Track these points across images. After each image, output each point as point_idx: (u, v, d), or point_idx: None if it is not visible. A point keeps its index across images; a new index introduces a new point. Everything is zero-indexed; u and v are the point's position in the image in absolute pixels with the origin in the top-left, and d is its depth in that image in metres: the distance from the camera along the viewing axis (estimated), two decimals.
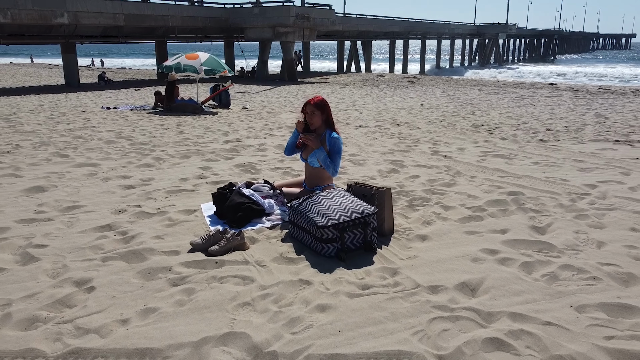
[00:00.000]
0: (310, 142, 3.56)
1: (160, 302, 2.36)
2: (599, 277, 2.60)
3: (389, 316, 2.21)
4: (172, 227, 3.43)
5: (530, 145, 6.96)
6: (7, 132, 7.86)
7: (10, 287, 2.54)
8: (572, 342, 2.00)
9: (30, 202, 4.02)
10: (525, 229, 3.35)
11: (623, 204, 3.93)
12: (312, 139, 3.58)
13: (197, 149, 6.44)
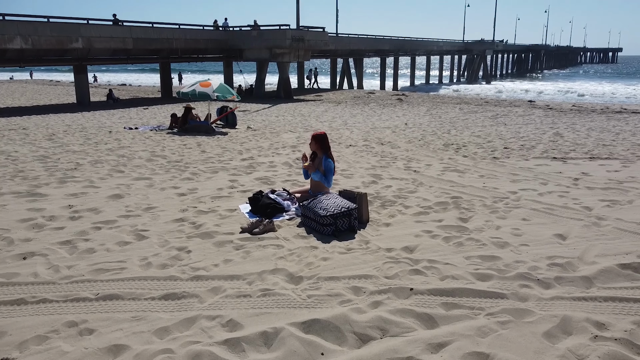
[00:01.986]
0: (309, 169, 5.45)
1: (233, 257, 4.19)
2: (486, 244, 4.46)
3: (361, 261, 4.04)
4: (223, 219, 5.25)
5: (484, 161, 8.87)
6: (59, 151, 9.65)
7: (140, 251, 4.34)
8: (457, 270, 3.83)
9: (119, 205, 5.83)
10: (454, 219, 5.21)
11: (527, 204, 5.81)
12: (310, 166, 5.46)
13: (221, 166, 8.28)
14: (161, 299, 3.42)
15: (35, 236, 4.73)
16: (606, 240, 4.54)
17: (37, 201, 5.99)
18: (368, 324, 3.04)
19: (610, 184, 6.91)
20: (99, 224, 5.08)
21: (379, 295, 3.44)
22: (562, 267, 3.92)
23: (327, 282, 3.67)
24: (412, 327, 3.03)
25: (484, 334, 2.93)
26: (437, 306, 3.29)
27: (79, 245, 4.47)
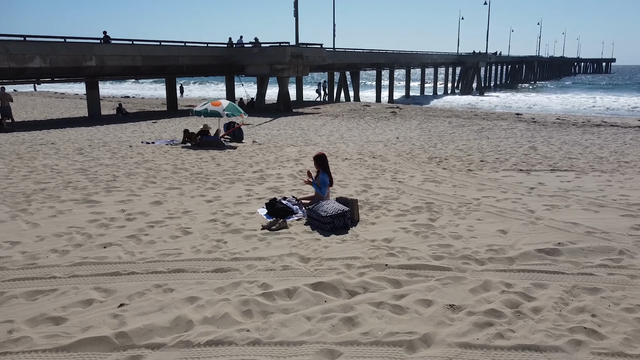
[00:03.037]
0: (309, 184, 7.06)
1: (258, 245, 5.75)
2: (445, 237, 6.04)
3: (352, 248, 5.62)
4: (246, 220, 6.82)
5: (460, 173, 10.48)
6: (94, 165, 11.22)
7: (189, 242, 5.90)
8: (420, 254, 5.41)
9: (161, 209, 7.39)
10: (425, 219, 6.80)
11: (484, 208, 7.40)
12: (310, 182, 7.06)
13: (237, 177, 9.86)
14: (213, 272, 4.99)
15: (105, 232, 6.29)
16: (535, 234, 6.14)
17: (95, 207, 7.55)
18: (355, 285, 4.61)
19: (558, 192, 8.52)
20: (151, 223, 6.65)
21: (363, 269, 5.02)
22: (496, 251, 5.50)
23: (327, 261, 5.24)
24: (385, 287, 4.60)
25: (431, 289, 4.51)
26: (403, 275, 4.86)
27: (142, 239, 6.03)
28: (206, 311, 4.11)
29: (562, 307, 4.16)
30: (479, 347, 3.56)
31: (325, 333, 3.77)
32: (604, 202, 7.77)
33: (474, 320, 3.93)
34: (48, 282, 4.73)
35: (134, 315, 4.04)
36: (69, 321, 3.97)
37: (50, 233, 6.22)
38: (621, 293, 4.46)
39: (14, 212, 7.16)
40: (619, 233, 6.15)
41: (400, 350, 3.54)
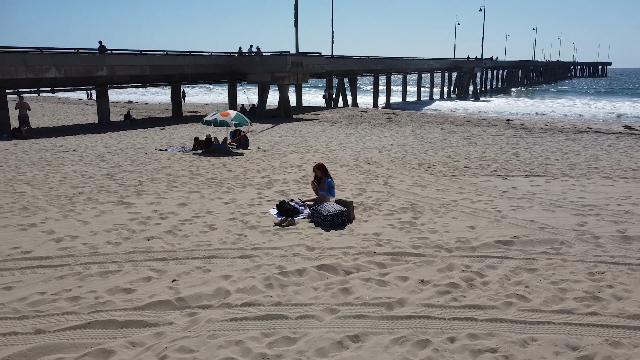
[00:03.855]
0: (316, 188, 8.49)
1: (273, 238, 7.18)
2: (423, 231, 7.48)
3: (348, 240, 7.04)
4: (260, 218, 8.25)
5: (445, 178, 11.93)
6: (118, 171, 12.63)
7: (216, 236, 7.32)
8: (402, 244, 6.84)
9: (188, 210, 8.81)
10: (409, 218, 8.23)
11: (460, 209, 8.84)
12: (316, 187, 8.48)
13: (247, 182, 11.29)
14: (239, 258, 6.41)
15: (145, 228, 7.70)
16: (497, 229, 7.58)
17: (130, 207, 8.96)
18: (350, 266, 6.04)
19: (526, 195, 9.97)
20: (182, 221, 8.07)
21: (356, 255, 6.44)
22: (463, 242, 6.94)
23: (328, 250, 6.67)
24: (373, 268, 6.03)
25: (408, 269, 5.94)
26: (388, 260, 6.29)
27: (177, 233, 7.45)
28: (238, 284, 5.53)
29: (504, 282, 5.60)
30: (438, 306, 4.99)
31: (328, 298, 5.20)
32: (562, 204, 9.22)
33: (437, 290, 5.37)
34: (112, 265, 6.15)
35: (184, 287, 5.46)
36: (137, 291, 5.39)
37: (101, 229, 7.64)
38: (552, 272, 5.89)
39: (64, 212, 8.57)
40: (566, 228, 7.60)
41: (382, 308, 4.97)
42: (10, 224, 7.92)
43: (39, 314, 4.86)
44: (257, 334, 4.49)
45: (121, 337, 4.43)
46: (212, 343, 4.31)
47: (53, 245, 6.90)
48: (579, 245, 6.86)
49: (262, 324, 4.68)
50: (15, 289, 5.45)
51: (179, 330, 4.55)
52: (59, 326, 4.61)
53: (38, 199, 9.58)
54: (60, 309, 4.96)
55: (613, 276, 5.75)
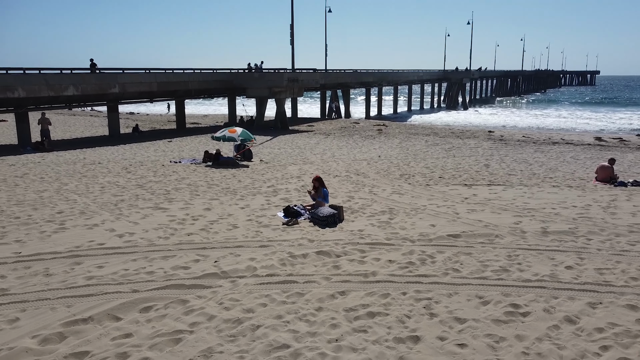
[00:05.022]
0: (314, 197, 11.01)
1: (282, 234, 9.68)
2: (396, 228, 10.00)
3: (338, 235, 9.55)
4: (271, 219, 10.74)
5: (420, 187, 14.48)
6: (145, 182, 15.06)
7: (239, 232, 9.80)
8: (379, 237, 9.36)
9: (213, 214, 11.29)
10: (386, 219, 10.75)
11: (426, 211, 11.38)
12: (315, 195, 11.00)
13: (257, 191, 13.78)
14: (259, 247, 8.89)
15: (184, 227, 10.16)
16: (452, 226, 10.11)
17: (166, 212, 11.42)
18: (339, 252, 8.54)
19: (482, 201, 12.53)
20: (210, 222, 10.54)
21: (344, 245, 8.94)
22: (424, 236, 9.46)
23: (324, 241, 9.16)
24: (356, 253, 8.54)
25: (381, 254, 8.45)
26: (367, 248, 8.80)
27: (209, 230, 9.92)
28: (261, 263, 8.01)
29: (447, 261, 8.12)
30: (398, 276, 7.50)
31: (324, 271, 7.70)
32: (508, 208, 11.79)
33: (400, 266, 7.88)
34: (168, 252, 8.61)
35: (224, 265, 7.93)
36: (191, 268, 7.85)
37: (149, 227, 10.10)
38: (482, 255, 8.43)
39: (115, 215, 11.02)
40: (504, 226, 10.15)
41: (360, 277, 7.46)
42: (78, 224, 10.36)
43: (130, 282, 7.31)
44: (278, 291, 6.97)
45: (190, 294, 6.89)
46: (250, 296, 6.80)
47: (118, 239, 9.36)
48: (508, 237, 9.41)
49: (281, 286, 7.16)
50: (105, 267, 7.90)
51: (227, 290, 7.03)
52: (147, 287, 7.07)
53: (89, 205, 12.01)
54: (143, 278, 7.42)
55: (523, 257, 8.30)
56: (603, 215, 11.05)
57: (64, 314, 6.29)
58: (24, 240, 9.26)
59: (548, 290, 6.99)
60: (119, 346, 5.52)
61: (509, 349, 5.43)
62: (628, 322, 6.01)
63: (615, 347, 5.45)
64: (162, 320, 6.14)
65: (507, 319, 6.13)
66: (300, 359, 5.25)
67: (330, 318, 6.16)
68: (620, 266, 7.87)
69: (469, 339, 5.64)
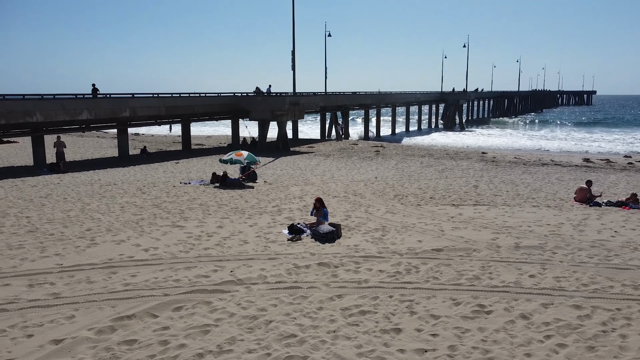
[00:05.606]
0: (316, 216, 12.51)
1: (288, 248, 11.14)
2: (386, 243, 11.47)
3: (337, 249, 11.01)
4: (277, 236, 12.20)
5: (412, 207, 15.96)
6: (160, 202, 16.54)
7: (250, 247, 11.26)
8: (371, 251, 10.82)
9: (225, 231, 12.75)
10: (379, 235, 12.22)
11: (416, 229, 12.85)
12: (316, 214, 12.50)
13: (263, 210, 15.26)
14: (268, 259, 10.34)
15: (201, 242, 11.61)
16: (436, 242, 11.57)
17: (182, 229, 12.88)
18: (337, 263, 9.99)
19: (466, 219, 14.00)
20: (224, 238, 11.99)
21: (341, 257, 10.39)
22: (411, 250, 10.92)
23: (324, 255, 10.60)
24: (351, 264, 9.98)
25: (373, 265, 9.89)
26: (361, 260, 10.24)
27: (223, 245, 11.37)
28: (271, 272, 9.45)
29: (429, 271, 9.56)
30: (386, 282, 8.93)
31: (324, 279, 9.14)
32: (489, 225, 13.26)
33: (388, 275, 9.32)
34: (190, 264, 10.06)
35: (239, 274, 9.37)
36: (211, 277, 9.28)
37: (170, 243, 11.55)
38: (460, 266, 9.87)
39: (138, 232, 12.48)
40: (482, 242, 11.60)
41: (354, 283, 8.90)
42: (106, 240, 11.82)
43: (161, 287, 8.75)
44: (286, 294, 8.41)
45: (213, 297, 8.33)
46: (262, 298, 8.23)
47: (144, 253, 10.81)
48: (485, 251, 10.87)
49: (288, 290, 8.60)
50: (138, 276, 9.34)
51: (243, 294, 8.46)
52: (176, 292, 8.50)
53: (113, 223, 13.48)
54: (171, 285, 8.86)
55: (494, 268, 9.74)
56: (572, 233, 12.52)
57: (110, 312, 7.72)
58: (62, 254, 10.71)
59: (511, 294, 8.43)
60: (159, 336, 6.95)
61: (471, 337, 6.86)
62: (571, 318, 7.45)
63: (556, 336, 6.88)
64: (191, 317, 7.58)
65: (474, 316, 7.56)
66: (305, 345, 6.67)
67: (329, 315, 7.59)
68: (576, 275, 9.32)
69: (441, 331, 7.07)
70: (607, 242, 11.57)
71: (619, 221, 13.90)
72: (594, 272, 9.45)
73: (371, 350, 6.52)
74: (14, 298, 8.29)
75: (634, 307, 7.85)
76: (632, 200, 16.42)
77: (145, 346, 6.65)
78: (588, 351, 6.49)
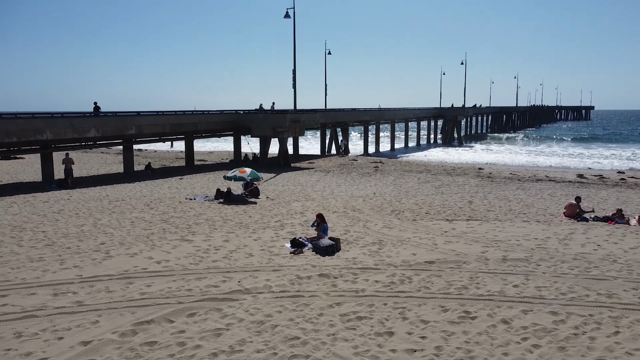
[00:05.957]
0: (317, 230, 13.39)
1: (290, 260, 11.99)
2: (382, 255, 12.32)
3: (336, 261, 11.86)
4: (280, 249, 13.06)
5: (407, 222, 16.82)
6: (168, 217, 17.41)
7: (257, 259, 12.11)
8: (368, 263, 11.67)
9: (231, 244, 13.61)
10: (375, 249, 13.08)
11: (411, 243, 13.70)
12: (316, 229, 13.39)
13: (266, 225, 16.13)
14: (272, 271, 11.19)
15: (209, 255, 12.46)
16: (429, 255, 12.42)
17: (191, 243, 13.73)
18: (336, 274, 10.84)
19: (458, 234, 14.86)
20: (230, 251, 12.84)
21: (340, 269, 11.24)
22: (405, 262, 11.77)
23: (324, 267, 11.45)
24: (349, 275, 10.83)
25: (369, 276, 10.74)
26: (358, 271, 11.10)
27: (230, 258, 12.22)
28: (275, 283, 10.30)
29: (420, 281, 10.41)
30: (382, 291, 9.77)
31: (324, 289, 9.98)
32: (479, 239, 14.12)
33: (383, 285, 10.16)
34: (200, 275, 10.90)
35: (246, 284, 10.21)
36: (220, 287, 10.12)
37: (181, 256, 12.40)
38: (450, 277, 10.71)
39: (150, 246, 13.34)
40: (472, 254, 12.46)
41: (352, 293, 9.75)
42: (120, 253, 12.67)
43: (175, 296, 9.59)
44: (289, 302, 9.25)
45: (223, 305, 9.16)
46: (268, 306, 9.07)
47: (157, 265, 11.66)
48: (474, 263, 11.72)
49: (291, 299, 9.44)
50: (153, 286, 10.18)
51: (251, 302, 9.30)
52: (189, 300, 9.34)
53: (125, 237, 14.34)
54: (184, 294, 9.70)
55: (482, 279, 10.59)
56: (557, 246, 13.38)
57: (130, 318, 8.56)
58: (80, 266, 11.56)
59: (494, 302, 9.27)
60: (177, 338, 7.79)
61: (456, 339, 7.70)
62: (547, 323, 8.29)
63: (531, 338, 7.72)
64: (205, 322, 8.42)
65: (459, 321, 8.40)
66: (307, 346, 7.50)
67: (329, 320, 8.43)
68: (556, 285, 10.17)
69: (429, 334, 7.91)
70: (588, 255, 12.43)
71: (603, 235, 14.77)
72: (572, 282, 10.30)
73: (366, 350, 7.35)
74: (41, 305, 9.13)
75: (605, 313, 8.70)
76: (618, 216, 17.29)
77: (165, 347, 7.49)
78: (559, 351, 7.33)
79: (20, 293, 9.76)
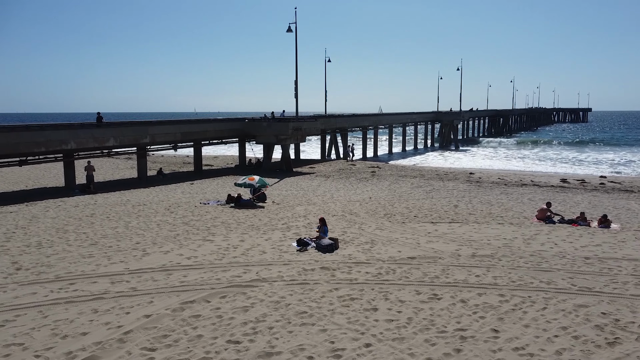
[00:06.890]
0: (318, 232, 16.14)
1: (297, 256, 14.73)
2: (373, 253, 15.06)
3: (335, 257, 14.60)
4: (288, 247, 15.79)
5: (397, 224, 19.56)
6: (188, 220, 20.14)
7: (269, 256, 14.85)
8: (360, 258, 14.41)
9: (246, 244, 16.34)
10: (368, 247, 15.81)
11: (398, 242, 16.44)
12: (318, 231, 16.14)
13: (274, 227, 18.86)
14: (282, 265, 13.92)
15: (228, 253, 15.18)
16: (413, 252, 15.15)
17: (213, 242, 16.46)
18: (335, 267, 13.58)
19: (440, 234, 17.58)
20: (246, 249, 15.56)
21: (339, 263, 13.97)
22: (392, 258, 14.49)
23: (325, 261, 14.18)
24: (345, 268, 13.57)
25: (361, 268, 13.48)
26: (353, 265, 13.83)
27: (247, 255, 14.94)
28: (286, 273, 13.02)
29: (403, 273, 13.13)
30: (371, 280, 12.50)
31: (325, 278, 12.72)
32: (456, 239, 16.85)
33: (372, 275, 12.89)
34: (224, 268, 13.62)
35: (263, 274, 12.93)
36: (242, 277, 12.84)
37: (206, 253, 15.13)
38: (426, 269, 13.43)
39: (179, 245, 16.06)
40: (447, 252, 15.18)
41: (347, 281, 12.48)
42: (155, 251, 15.40)
43: (207, 284, 12.31)
44: (298, 288, 11.98)
45: (247, 290, 11.89)
46: (282, 290, 11.80)
47: (188, 260, 14.39)
48: (447, 259, 14.45)
49: (299, 285, 12.17)
50: (188, 276, 12.90)
51: (267, 288, 12.02)
52: (219, 286, 12.06)
53: (156, 238, 17.07)
54: (215, 282, 12.42)
55: (452, 271, 13.31)
56: (520, 245, 16.11)
57: (176, 299, 11.29)
58: (125, 261, 14.29)
59: (458, 287, 12.01)
60: (215, 312, 10.52)
61: (423, 313, 10.44)
62: (494, 302, 11.02)
63: (480, 312, 10.45)
64: (234, 302, 11.15)
65: (428, 300, 11.14)
66: (313, 318, 10.23)
67: (329, 301, 11.17)
68: (509, 275, 12.90)
69: (404, 309, 10.64)
70: (544, 252, 15.17)
71: (563, 236, 17.52)
72: (523, 273, 13.05)
73: (356, 320, 10.09)
74: (104, 291, 11.86)
75: (541, 295, 11.44)
76: (581, 219, 20.02)
77: (207, 318, 10.23)
78: (498, 320, 10.06)
79: (85, 282, 12.50)
